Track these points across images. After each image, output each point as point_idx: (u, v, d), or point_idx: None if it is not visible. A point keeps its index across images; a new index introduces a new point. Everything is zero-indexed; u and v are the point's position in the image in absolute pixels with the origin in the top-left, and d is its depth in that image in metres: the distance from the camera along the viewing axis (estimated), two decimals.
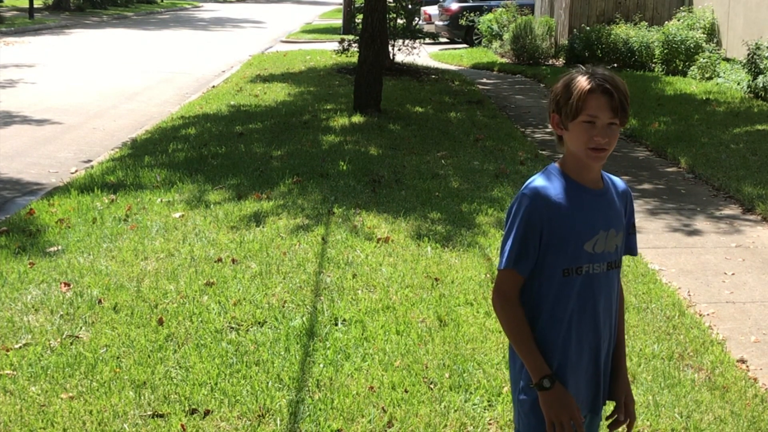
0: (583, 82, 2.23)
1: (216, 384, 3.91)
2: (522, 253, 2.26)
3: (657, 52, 15.67)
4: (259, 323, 4.57)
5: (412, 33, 16.82)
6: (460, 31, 22.89)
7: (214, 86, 14.27)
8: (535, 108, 12.80)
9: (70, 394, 3.80)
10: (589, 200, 2.29)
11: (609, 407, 2.49)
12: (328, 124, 10.47)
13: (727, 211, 7.16)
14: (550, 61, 18.10)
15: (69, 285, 5.06)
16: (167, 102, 13.15)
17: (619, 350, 2.45)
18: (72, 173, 8.36)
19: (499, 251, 2.35)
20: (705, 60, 14.57)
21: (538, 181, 2.30)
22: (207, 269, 5.35)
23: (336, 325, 4.58)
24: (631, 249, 2.49)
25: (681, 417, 3.72)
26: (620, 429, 2.44)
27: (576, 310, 2.29)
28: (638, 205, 7.33)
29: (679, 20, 16.12)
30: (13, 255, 5.62)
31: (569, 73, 2.29)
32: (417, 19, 19.12)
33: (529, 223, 2.25)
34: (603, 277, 2.30)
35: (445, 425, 3.62)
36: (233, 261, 5.50)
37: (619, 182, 2.43)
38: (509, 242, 2.28)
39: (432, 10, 24.95)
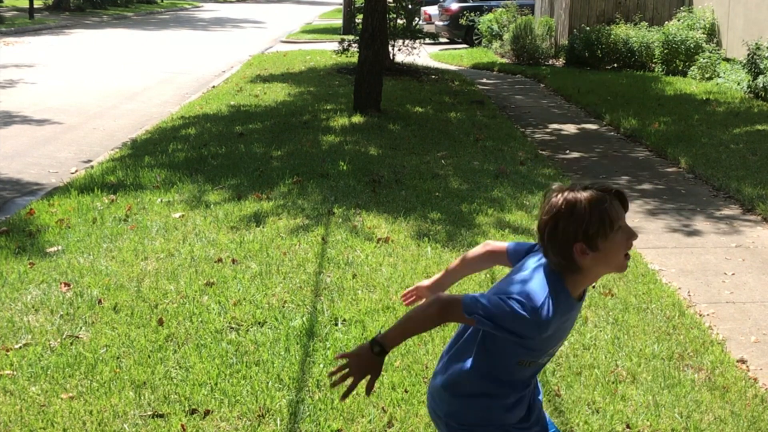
0: (600, 196, 2.13)
1: (216, 384, 3.91)
2: (489, 327, 2.20)
3: (657, 52, 15.67)
4: (259, 323, 4.57)
5: (412, 33, 16.83)
6: (460, 31, 22.90)
7: (214, 86, 14.27)
8: (535, 108, 12.81)
9: (70, 394, 3.80)
10: (573, 315, 2.28)
11: None
12: (328, 124, 10.47)
13: (727, 211, 7.16)
14: (550, 62, 18.10)
15: (69, 285, 5.06)
16: (167, 102, 13.15)
17: None
18: (72, 173, 8.36)
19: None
20: (705, 60, 14.58)
21: (546, 300, 2.14)
22: (207, 269, 5.35)
23: (336, 325, 4.58)
24: None
25: (681, 417, 3.72)
26: None
27: (522, 387, 2.37)
28: (638, 205, 7.33)
29: (679, 20, 16.13)
30: (13, 255, 5.62)
31: (581, 197, 2.13)
32: (417, 19, 19.12)
33: (514, 331, 2.16)
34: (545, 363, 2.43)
35: None
36: (233, 261, 5.50)
37: None
38: (493, 314, 2.15)
39: (432, 10, 24.95)
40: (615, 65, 16.64)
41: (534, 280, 2.17)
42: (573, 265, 2.16)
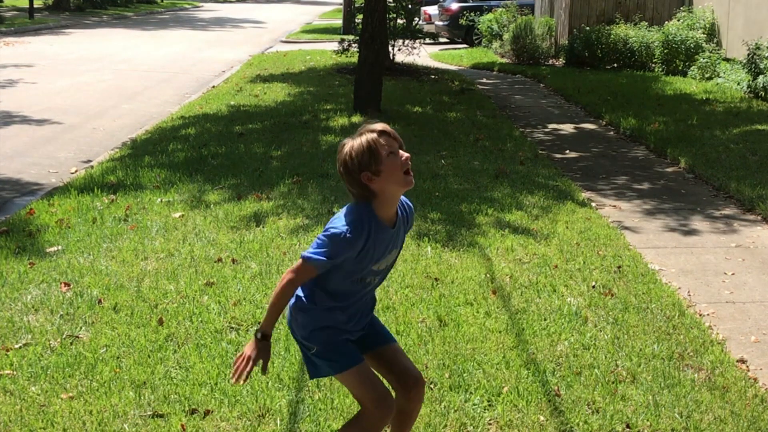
0: (369, 135, 2.80)
1: (216, 384, 3.91)
2: (324, 265, 2.77)
3: (657, 52, 15.68)
4: (259, 323, 4.57)
5: (412, 33, 16.83)
6: (460, 31, 22.90)
7: (214, 86, 14.28)
8: (535, 108, 12.81)
9: (70, 394, 3.81)
10: (385, 237, 2.83)
11: None
12: (327, 124, 10.47)
13: (726, 211, 7.16)
14: (550, 61, 18.11)
15: (69, 285, 5.06)
16: (167, 102, 13.15)
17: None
18: (72, 173, 8.36)
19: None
20: (705, 60, 14.58)
21: (353, 224, 2.74)
22: (207, 269, 5.35)
23: None
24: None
25: (681, 417, 3.72)
26: None
27: (354, 301, 2.93)
28: (637, 205, 7.34)
29: (679, 20, 16.14)
30: (13, 255, 5.62)
31: (355, 141, 2.79)
32: (417, 19, 19.12)
33: (337, 255, 2.75)
34: (377, 282, 2.99)
35: (445, 425, 3.62)
36: (233, 261, 5.50)
37: (408, 204, 2.98)
38: (321, 252, 2.74)
39: (432, 10, 24.95)
40: (615, 65, 16.64)
41: (336, 217, 2.81)
42: (368, 191, 2.77)
